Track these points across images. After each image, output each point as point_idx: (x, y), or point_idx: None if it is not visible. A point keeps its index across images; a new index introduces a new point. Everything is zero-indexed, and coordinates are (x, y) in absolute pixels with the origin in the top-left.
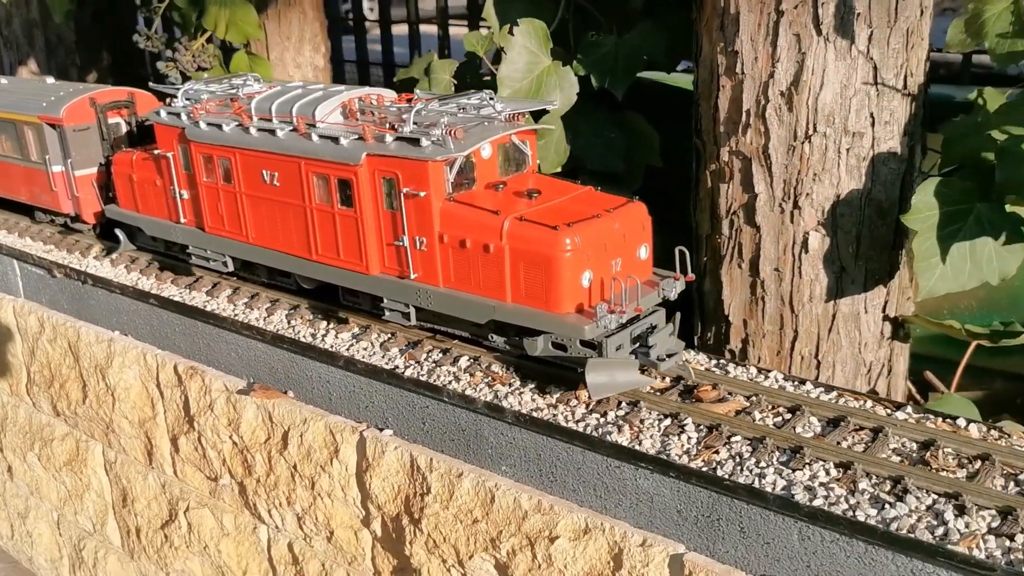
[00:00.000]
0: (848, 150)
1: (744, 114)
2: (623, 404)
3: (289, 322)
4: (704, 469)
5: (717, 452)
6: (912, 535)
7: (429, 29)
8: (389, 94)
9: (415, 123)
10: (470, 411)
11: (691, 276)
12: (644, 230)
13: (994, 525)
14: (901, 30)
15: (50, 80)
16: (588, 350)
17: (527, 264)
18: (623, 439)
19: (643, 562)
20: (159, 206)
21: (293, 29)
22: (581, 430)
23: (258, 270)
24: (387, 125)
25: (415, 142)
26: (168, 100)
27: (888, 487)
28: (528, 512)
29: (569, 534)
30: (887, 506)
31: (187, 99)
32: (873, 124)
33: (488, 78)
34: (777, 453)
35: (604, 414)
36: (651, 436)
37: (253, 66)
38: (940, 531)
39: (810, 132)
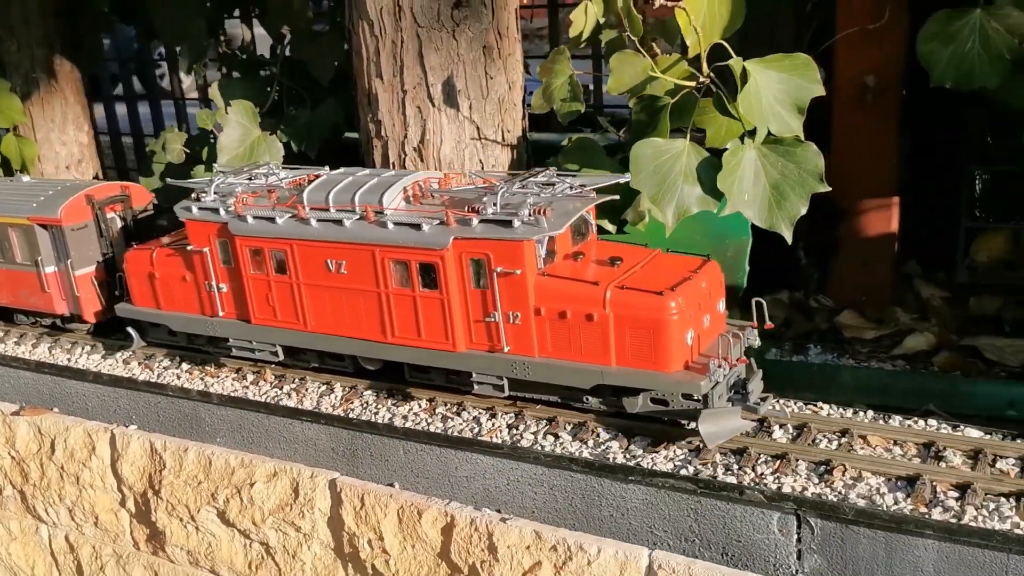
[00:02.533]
0: None
1: (391, 165)
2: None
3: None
4: (344, 415)
5: (352, 402)
6: (460, 435)
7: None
8: (435, 175)
9: (498, 205)
10: (188, 399)
11: (770, 324)
12: (721, 286)
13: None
14: (494, 100)
15: (25, 178)
16: (690, 403)
17: (634, 329)
18: (292, 403)
19: (312, 488)
20: (189, 301)
21: (56, 112)
22: (265, 401)
23: (308, 356)
24: (466, 208)
25: (506, 224)
26: (194, 194)
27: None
28: (235, 468)
29: (264, 479)
30: (449, 420)
31: (217, 193)
32: (483, 167)
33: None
34: (391, 400)
35: (281, 387)
36: (310, 399)
37: (21, 146)
38: (476, 430)
39: None
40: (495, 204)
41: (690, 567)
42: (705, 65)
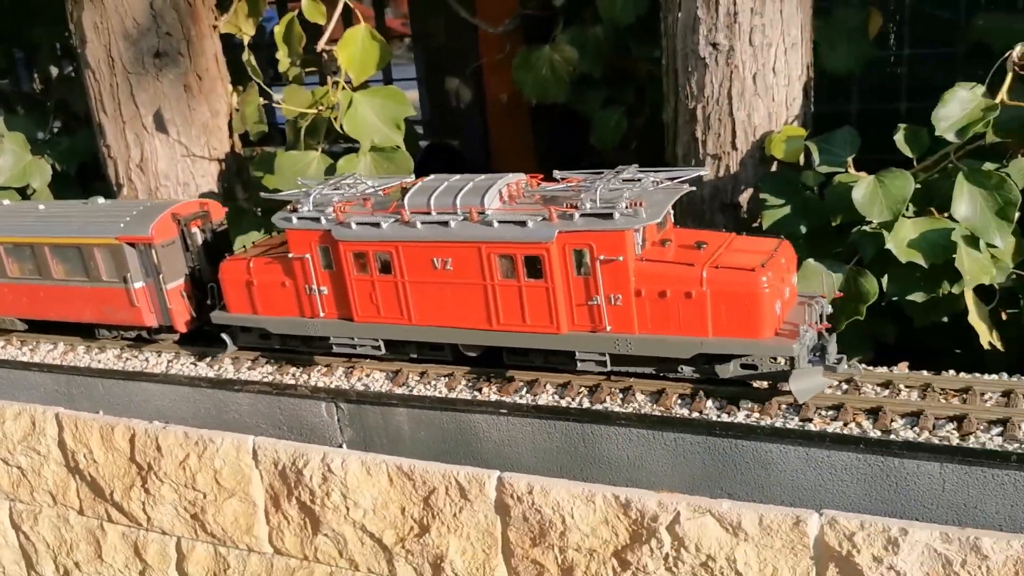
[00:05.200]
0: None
1: (120, 180)
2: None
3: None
4: (62, 364)
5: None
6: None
7: None
8: (522, 177)
9: (597, 200)
10: None
11: (839, 293)
12: (794, 261)
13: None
14: (198, 125)
15: (100, 200)
16: (778, 366)
17: (730, 302)
18: (25, 358)
19: (44, 421)
20: (288, 305)
21: None
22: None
23: (407, 348)
24: (565, 205)
25: (607, 216)
26: (290, 206)
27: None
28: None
29: (12, 418)
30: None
31: (315, 205)
32: (194, 177)
33: None
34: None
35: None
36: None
37: None
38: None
39: (122, 183)
40: (594, 200)
41: (276, 447)
42: (336, 93)
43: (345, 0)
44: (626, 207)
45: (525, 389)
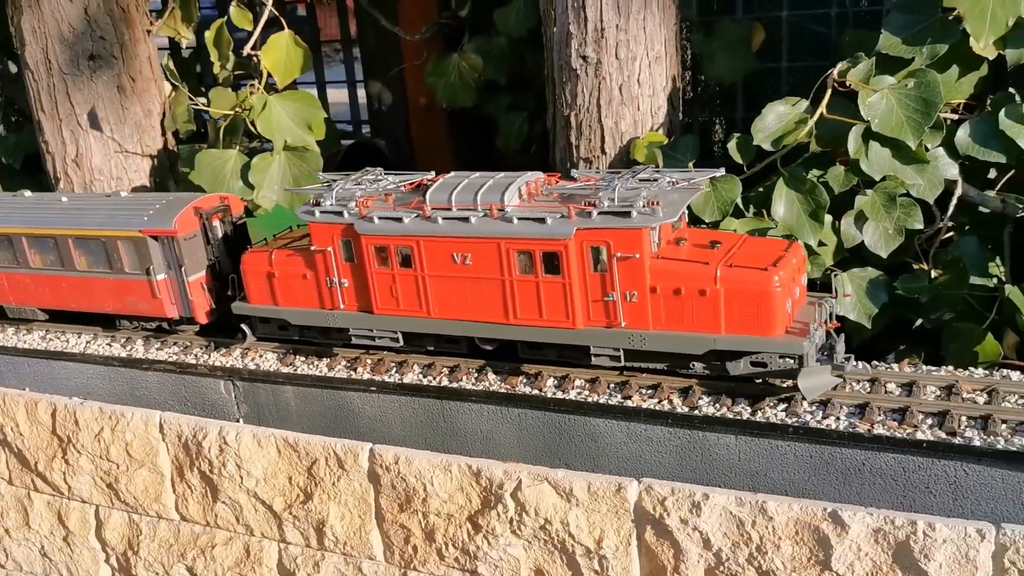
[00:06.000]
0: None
1: (57, 175)
2: None
3: None
4: None
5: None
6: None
7: None
8: (540, 175)
9: (616, 199)
10: None
11: (849, 294)
12: (804, 262)
13: None
14: (131, 124)
15: (123, 193)
16: (787, 363)
17: (742, 300)
18: None
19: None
20: (309, 297)
21: None
22: None
23: (425, 340)
24: (583, 202)
25: (625, 214)
26: (313, 200)
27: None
28: None
29: None
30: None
31: (338, 199)
32: (127, 172)
33: None
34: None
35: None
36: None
37: None
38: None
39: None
40: (612, 198)
41: (179, 421)
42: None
43: (270, 8)
44: (643, 206)
45: (395, 368)
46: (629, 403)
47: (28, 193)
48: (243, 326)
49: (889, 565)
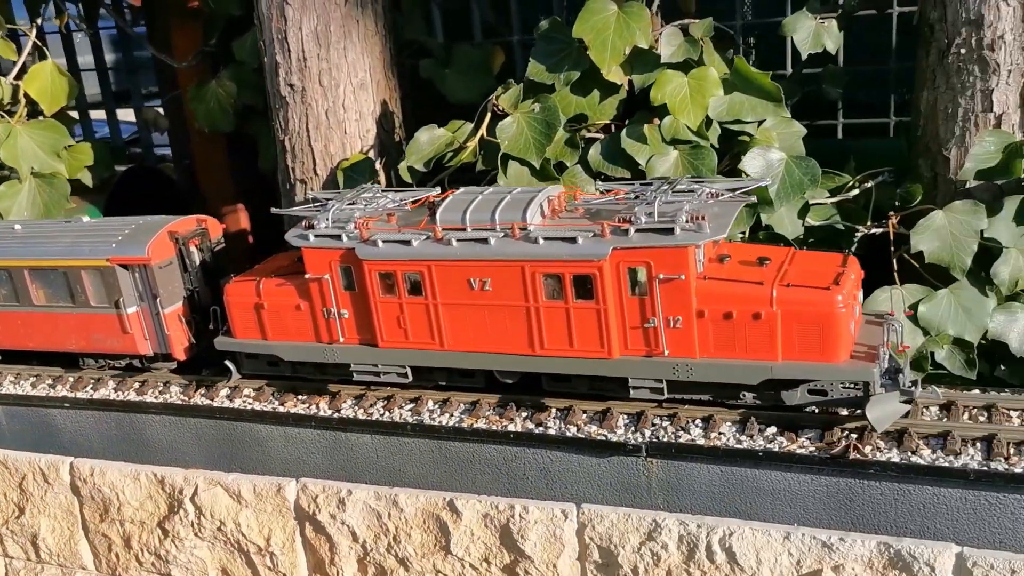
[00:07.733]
0: None
1: None
2: None
3: None
4: None
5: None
6: None
7: None
8: (560, 189)
9: (655, 214)
10: None
11: (909, 311)
12: (860, 277)
13: None
14: None
15: (85, 219)
16: (850, 391)
17: (802, 323)
18: None
19: None
20: (303, 330)
21: None
22: None
23: (436, 375)
24: (617, 219)
25: (667, 231)
26: (305, 223)
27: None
28: None
29: None
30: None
31: (334, 221)
32: None
33: None
34: None
35: None
36: None
37: None
38: None
39: None
40: (650, 213)
41: None
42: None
43: (34, 39)
44: (687, 221)
45: (91, 386)
46: (281, 409)
47: None
48: (228, 363)
49: (497, 547)
